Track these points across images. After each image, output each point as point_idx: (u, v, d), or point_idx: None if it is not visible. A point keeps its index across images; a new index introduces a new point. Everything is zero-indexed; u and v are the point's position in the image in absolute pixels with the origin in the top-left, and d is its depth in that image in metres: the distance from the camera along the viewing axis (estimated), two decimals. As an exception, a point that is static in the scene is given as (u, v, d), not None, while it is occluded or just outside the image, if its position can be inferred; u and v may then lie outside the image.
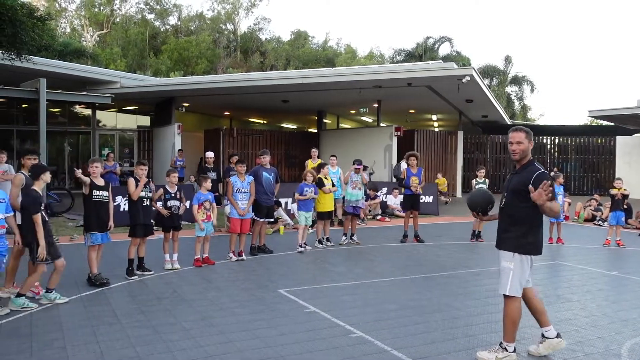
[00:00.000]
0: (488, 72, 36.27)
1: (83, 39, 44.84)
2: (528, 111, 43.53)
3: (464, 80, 14.76)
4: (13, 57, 11.10)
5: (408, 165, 10.75)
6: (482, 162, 23.85)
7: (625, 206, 13.12)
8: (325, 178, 10.00)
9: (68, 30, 47.31)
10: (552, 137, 25.73)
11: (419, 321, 5.49)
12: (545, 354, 4.51)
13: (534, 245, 4.29)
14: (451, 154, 22.78)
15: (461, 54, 38.37)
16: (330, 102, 21.27)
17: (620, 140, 23.52)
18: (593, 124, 33.00)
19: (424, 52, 36.16)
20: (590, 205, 15.30)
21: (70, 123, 21.92)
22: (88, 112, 21.81)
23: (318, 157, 12.95)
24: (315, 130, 24.27)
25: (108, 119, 22.96)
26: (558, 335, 4.55)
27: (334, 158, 11.56)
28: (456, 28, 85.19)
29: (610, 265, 8.90)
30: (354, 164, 10.51)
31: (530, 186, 4.07)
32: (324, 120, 24.25)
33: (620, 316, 5.80)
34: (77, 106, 21.70)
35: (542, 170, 4.19)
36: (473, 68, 15.70)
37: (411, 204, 10.63)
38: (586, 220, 14.97)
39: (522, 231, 4.25)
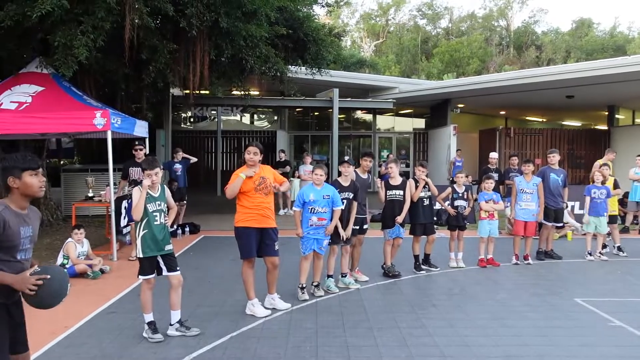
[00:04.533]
0: None
1: (361, 49, 48.69)
2: None
3: None
4: (314, 71, 12.76)
5: None
6: None
7: None
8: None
9: (349, 43, 51.98)
10: None
11: None
12: None
13: None
14: None
15: None
16: (625, 95, 18.80)
17: None
18: None
19: None
20: None
21: (354, 128, 24.06)
22: (369, 117, 23.62)
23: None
24: (605, 127, 21.77)
25: (385, 122, 24.47)
26: None
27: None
28: None
29: None
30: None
31: None
32: (617, 116, 21.56)
33: None
34: (359, 112, 23.69)
35: None
36: None
37: None
38: None
39: None
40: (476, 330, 5.06)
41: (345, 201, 6.48)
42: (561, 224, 9.56)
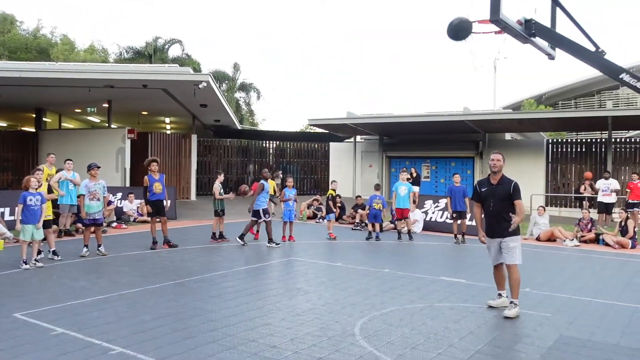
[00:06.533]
0: (218, 77, 37.35)
1: None
2: (254, 116, 46.30)
3: (200, 86, 15.09)
4: None
5: (150, 171, 10.58)
6: (215, 165, 24.56)
7: (339, 204, 15.23)
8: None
9: None
10: (273, 142, 27.84)
11: (178, 328, 5.55)
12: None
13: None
14: (185, 157, 22.91)
15: (192, 57, 38.70)
16: (52, 99, 19.28)
17: (333, 146, 26.93)
18: (309, 131, 36.85)
19: (154, 52, 35.36)
20: (313, 205, 17.26)
21: None
22: None
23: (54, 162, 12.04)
24: (34, 130, 21.69)
25: None
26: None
27: (70, 162, 11.23)
28: (184, 31, 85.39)
29: (334, 258, 10.29)
30: (90, 169, 9.87)
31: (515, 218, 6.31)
32: (44, 119, 21.83)
33: (349, 301, 6.84)
34: None
35: (515, 180, 6.42)
36: (209, 74, 16.15)
37: (157, 210, 10.53)
38: (309, 218, 16.84)
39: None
40: None
41: None
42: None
